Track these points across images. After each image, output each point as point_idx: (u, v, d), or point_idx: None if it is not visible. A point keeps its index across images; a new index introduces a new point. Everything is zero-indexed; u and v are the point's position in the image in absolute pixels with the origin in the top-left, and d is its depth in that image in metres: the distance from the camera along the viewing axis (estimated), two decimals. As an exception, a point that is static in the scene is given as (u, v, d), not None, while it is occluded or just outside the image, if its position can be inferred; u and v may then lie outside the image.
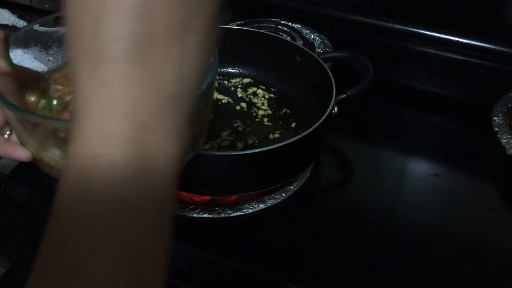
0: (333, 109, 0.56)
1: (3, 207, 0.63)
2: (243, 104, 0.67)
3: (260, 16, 0.89)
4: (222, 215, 0.55)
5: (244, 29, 0.74)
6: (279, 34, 0.79)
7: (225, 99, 0.68)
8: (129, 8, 0.19)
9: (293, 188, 0.58)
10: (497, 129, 0.64)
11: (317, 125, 0.52)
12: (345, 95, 0.58)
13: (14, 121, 0.37)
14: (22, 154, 0.40)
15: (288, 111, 0.67)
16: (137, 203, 0.20)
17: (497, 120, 0.66)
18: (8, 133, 0.40)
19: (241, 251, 0.52)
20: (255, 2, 0.98)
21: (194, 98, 0.23)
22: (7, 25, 0.88)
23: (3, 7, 0.89)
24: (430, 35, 0.80)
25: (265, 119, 0.65)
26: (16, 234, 0.66)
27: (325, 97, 0.58)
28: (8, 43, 0.38)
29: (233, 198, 0.57)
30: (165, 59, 0.20)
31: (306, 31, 0.86)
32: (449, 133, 0.72)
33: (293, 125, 0.64)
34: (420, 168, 0.64)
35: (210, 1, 0.21)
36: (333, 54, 0.69)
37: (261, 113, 0.66)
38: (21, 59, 0.43)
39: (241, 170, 0.53)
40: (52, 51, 0.45)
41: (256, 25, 0.86)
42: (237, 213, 0.55)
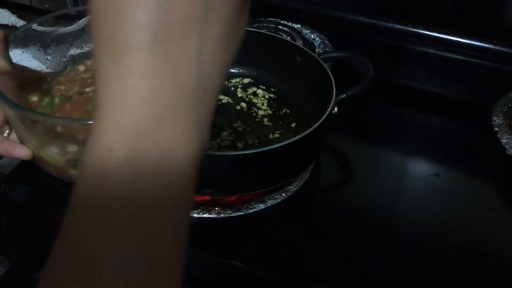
0: (333, 109, 0.56)
1: (3, 207, 0.63)
2: (243, 104, 0.67)
3: (260, 16, 0.89)
4: (222, 215, 0.55)
5: (244, 29, 0.74)
6: (279, 34, 0.79)
7: (225, 99, 0.68)
8: None
9: (293, 188, 0.58)
10: (497, 129, 0.64)
11: (317, 125, 0.52)
12: (345, 95, 0.58)
13: (14, 119, 0.37)
14: (22, 152, 0.40)
15: (288, 111, 0.67)
16: (155, 199, 0.19)
17: (497, 120, 0.66)
18: (7, 131, 0.40)
19: (241, 251, 0.52)
20: (255, 2, 0.97)
21: (215, 93, 0.22)
22: (7, 25, 0.88)
23: (3, 7, 0.89)
24: (430, 35, 0.80)
25: (265, 119, 0.65)
26: (16, 234, 0.66)
27: (325, 97, 0.58)
28: (8, 42, 0.38)
29: (233, 198, 0.57)
30: (184, 50, 0.20)
31: (306, 31, 0.86)
32: (449, 133, 0.72)
33: (293, 125, 0.64)
34: (420, 168, 0.64)
35: None
36: (333, 54, 0.69)
37: (261, 113, 0.66)
38: (20, 58, 0.44)
39: (241, 170, 0.53)
40: (50, 50, 0.45)
41: (256, 25, 0.86)
42: (237, 213, 0.55)
